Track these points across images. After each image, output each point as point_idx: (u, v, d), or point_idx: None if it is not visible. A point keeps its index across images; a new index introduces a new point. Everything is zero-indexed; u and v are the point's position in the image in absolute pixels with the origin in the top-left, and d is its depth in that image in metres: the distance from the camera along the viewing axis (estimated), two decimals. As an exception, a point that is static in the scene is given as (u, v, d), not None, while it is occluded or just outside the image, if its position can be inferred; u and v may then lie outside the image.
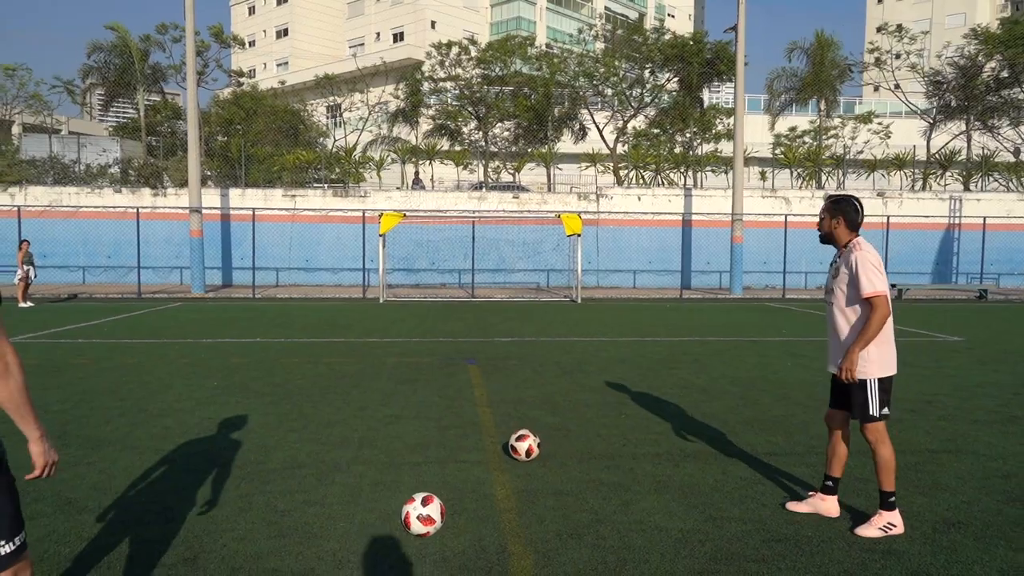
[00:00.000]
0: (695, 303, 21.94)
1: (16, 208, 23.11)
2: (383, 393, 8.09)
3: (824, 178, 32.21)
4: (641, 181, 30.74)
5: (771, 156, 33.19)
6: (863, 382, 4.28)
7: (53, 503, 4.62)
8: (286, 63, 64.41)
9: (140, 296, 21.80)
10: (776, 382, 8.88)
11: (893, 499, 4.27)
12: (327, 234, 26.62)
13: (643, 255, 27.13)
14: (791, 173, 31.84)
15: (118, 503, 4.65)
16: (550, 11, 62.80)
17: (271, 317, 16.51)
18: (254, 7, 68.38)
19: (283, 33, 66.07)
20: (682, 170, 31.28)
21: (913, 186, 32.04)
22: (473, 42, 33.22)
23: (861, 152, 33.58)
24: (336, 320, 16.02)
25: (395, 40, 58.72)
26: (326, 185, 28.68)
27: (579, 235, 21.58)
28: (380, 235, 21.17)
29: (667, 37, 32.25)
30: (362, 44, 61.27)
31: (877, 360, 4.28)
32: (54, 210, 25.53)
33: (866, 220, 4.48)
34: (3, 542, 2.33)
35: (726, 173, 30.14)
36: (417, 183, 30.98)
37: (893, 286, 25.03)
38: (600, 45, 36.13)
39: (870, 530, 4.23)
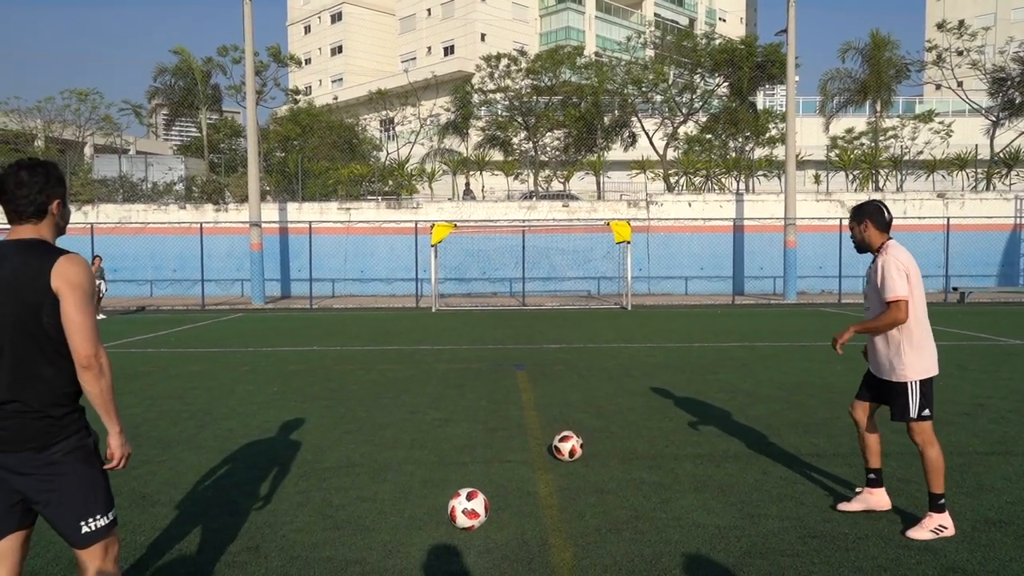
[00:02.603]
0: (747, 309, 21.72)
1: (89, 225, 24.32)
2: (433, 397, 8.36)
3: (882, 180, 31.47)
4: (692, 187, 30.56)
5: (825, 159, 32.57)
6: (903, 385, 4.32)
7: (129, 497, 4.99)
8: (341, 79, 65.95)
9: (204, 308, 22.66)
10: (823, 387, 8.84)
11: (943, 501, 4.26)
12: (381, 245, 27.22)
13: (694, 261, 26.96)
14: (846, 176, 31.20)
15: (187, 497, 5.00)
16: (599, 20, 62.88)
17: (327, 326, 17.01)
18: (310, 26, 70.26)
19: (338, 50, 67.69)
20: (734, 175, 30.97)
21: (976, 186, 31.04)
22: (523, 53, 33.58)
23: (921, 152, 32.69)
24: (389, 329, 16.42)
25: (446, 54, 59.58)
26: (379, 197, 29.32)
27: (629, 242, 21.61)
28: (432, 245, 21.58)
29: (717, 42, 32.04)
30: (414, 58, 62.33)
31: (915, 364, 4.32)
32: (124, 226, 26.75)
33: (926, 222, 4.66)
34: (99, 515, 2.65)
35: (779, 177, 29.73)
36: (468, 194, 31.42)
37: (955, 289, 24.35)
38: (650, 52, 36.11)
39: (921, 532, 4.22)
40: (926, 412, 4.30)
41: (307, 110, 36.65)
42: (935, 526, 4.22)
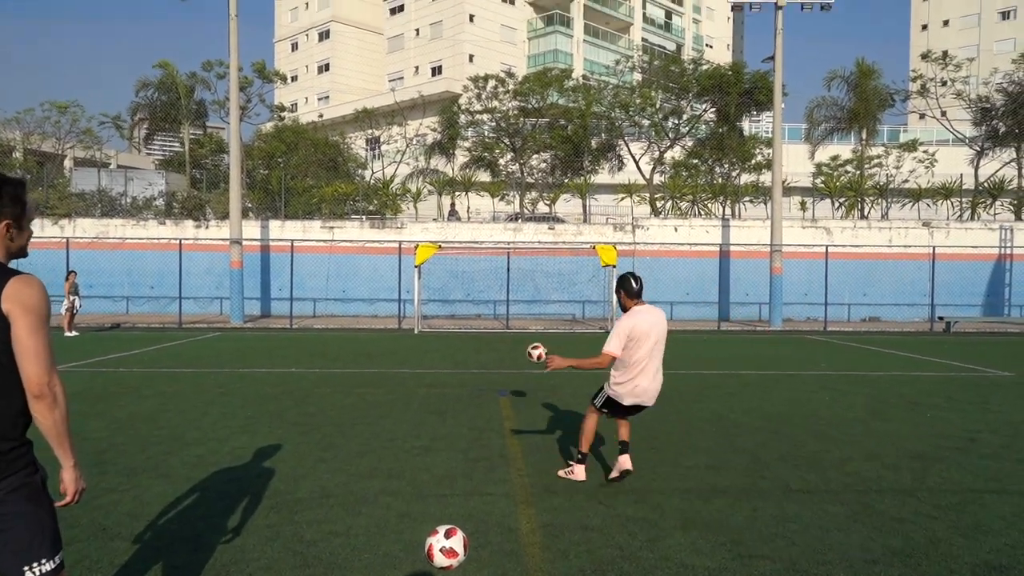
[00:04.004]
0: (733, 335, 21.68)
1: (65, 240, 23.94)
2: (413, 424, 8.17)
3: (867, 207, 31.75)
4: (678, 212, 30.66)
5: (811, 186, 32.83)
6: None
7: (88, 529, 4.76)
8: (327, 97, 65.96)
9: (181, 326, 22.32)
10: (811, 417, 8.73)
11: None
12: (364, 265, 27.01)
13: (680, 287, 26.94)
14: (832, 203, 31.45)
15: (150, 530, 4.77)
16: (587, 43, 63.43)
17: (307, 347, 16.77)
18: (297, 43, 70.37)
19: (324, 68, 67.76)
20: (720, 200, 31.13)
21: (961, 215, 31.39)
22: (510, 75, 33.74)
23: (906, 181, 33.04)
24: (370, 350, 16.21)
25: (433, 74, 59.80)
26: (363, 217, 29.15)
27: (614, 266, 21.55)
28: (416, 266, 21.42)
29: (704, 68, 32.35)
30: (401, 78, 62.51)
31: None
32: (101, 241, 26.37)
33: (912, 250, 5.53)
34: (45, 560, 2.45)
35: (765, 203, 29.91)
36: (453, 214, 31.34)
37: (941, 319, 24.47)
38: (637, 76, 36.39)
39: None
40: (604, 410, 5.96)
41: (292, 127, 36.53)
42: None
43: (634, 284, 5.81)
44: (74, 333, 19.03)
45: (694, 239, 27.28)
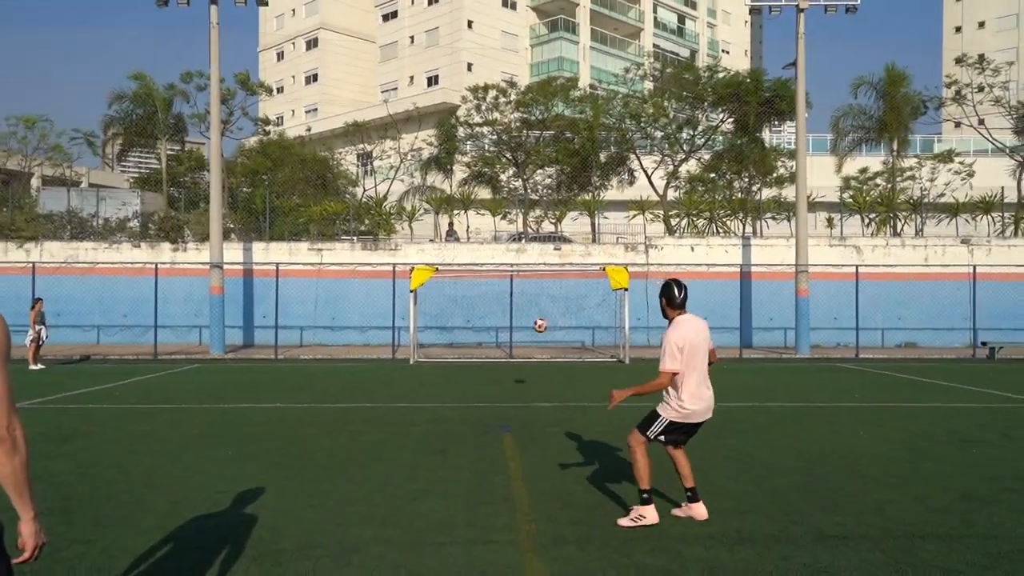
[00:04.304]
0: (756, 364, 21.57)
1: (31, 264, 23.99)
2: (408, 465, 8.08)
3: (900, 224, 31.74)
4: (694, 230, 30.68)
5: (839, 201, 32.87)
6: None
7: (49, 586, 4.67)
8: (315, 109, 66.52)
9: (156, 357, 22.27)
10: (848, 455, 8.63)
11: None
12: (355, 290, 27.01)
13: (697, 311, 26.22)
14: (862, 219, 31.45)
15: (118, 586, 4.68)
16: (594, 50, 64.00)
17: (293, 380, 16.70)
18: (283, 52, 71.09)
19: (312, 79, 68.39)
20: (740, 217, 31.15)
21: (1003, 231, 31.34)
22: (512, 84, 33.98)
23: (942, 195, 33.07)
24: (362, 383, 16.15)
25: (429, 84, 60.31)
26: (355, 238, 29.23)
27: (626, 289, 21.52)
28: (411, 291, 21.41)
29: (721, 75, 32.56)
30: (395, 88, 63.05)
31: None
32: (70, 266, 26.44)
33: (950, 270, 5.78)
34: None
35: (789, 220, 29.93)
36: (451, 235, 31.38)
37: (984, 344, 24.32)
38: (648, 85, 36.65)
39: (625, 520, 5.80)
40: (661, 438, 5.96)
41: (278, 142, 36.79)
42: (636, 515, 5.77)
43: (677, 293, 6.00)
44: (40, 366, 18.98)
45: (712, 259, 27.26)
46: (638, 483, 5.90)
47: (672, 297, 6.01)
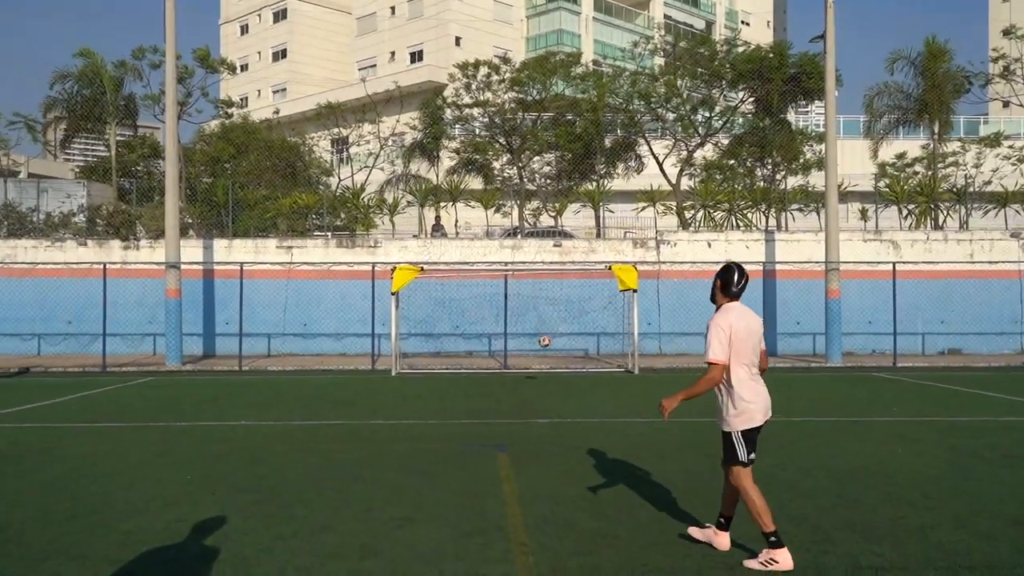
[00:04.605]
0: (781, 373, 21.60)
1: (-36, 266, 23.94)
2: (391, 489, 8.10)
3: (942, 216, 31.82)
4: (711, 223, 30.72)
5: (873, 190, 32.93)
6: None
7: (-15, 627, 4.66)
8: (284, 89, 66.55)
9: (105, 369, 22.23)
10: (882, 475, 8.67)
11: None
12: (330, 292, 26.97)
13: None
14: (899, 210, 31.53)
15: (62, 628, 4.67)
16: (598, 22, 64.15)
17: (260, 394, 16.71)
18: (247, 26, 71.11)
19: (281, 55, 68.41)
20: (762, 209, 31.21)
21: (1057, 224, 31.47)
22: (506, 60, 33.97)
23: (989, 183, 33.15)
24: (338, 397, 16.17)
25: (412, 60, 60.38)
26: (329, 234, 29.19)
27: (635, 291, 21.53)
28: (393, 293, 21.39)
29: (741, 49, 32.61)
30: (374, 65, 63.10)
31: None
32: (7, 267, 26.36)
33: (999, 267, 5.96)
34: None
35: (817, 212, 29.99)
36: (438, 230, 31.37)
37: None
38: (659, 61, 36.70)
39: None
40: (752, 456, 5.82)
41: (241, 126, 36.72)
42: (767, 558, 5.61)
43: (736, 279, 5.91)
44: (-26, 380, 18.92)
45: (732, 256, 27.26)
46: (760, 526, 5.71)
47: (729, 283, 5.92)
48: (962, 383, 18.54)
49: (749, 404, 5.74)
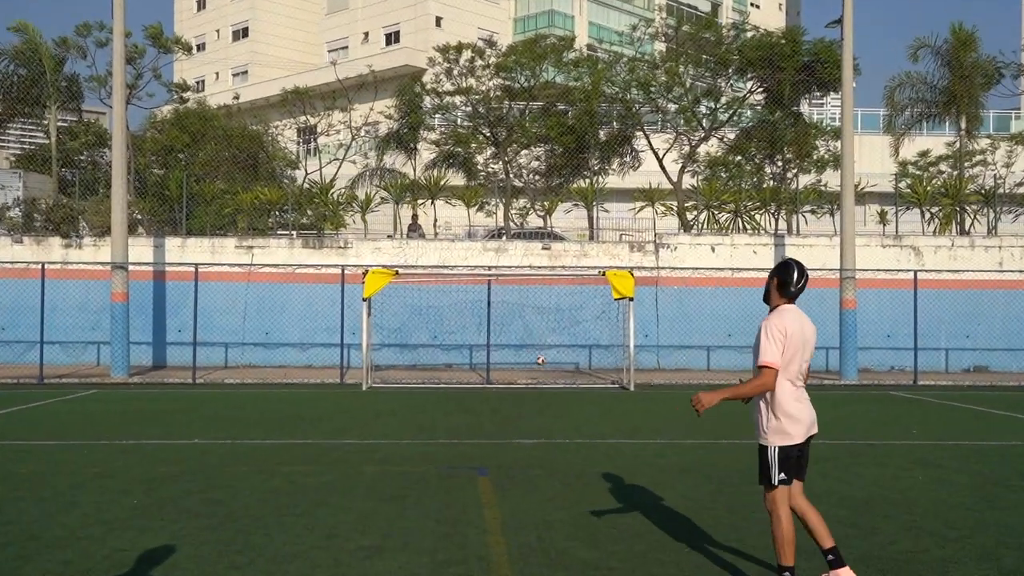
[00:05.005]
0: (793, 391, 21.71)
1: None
2: (359, 515, 8.09)
3: (969, 220, 32.06)
4: (716, 226, 30.85)
5: (894, 191, 33.17)
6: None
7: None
8: (245, 72, 66.40)
9: (42, 381, 22.07)
10: (901, 504, 8.73)
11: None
12: (294, 298, 26.90)
13: (719, 325, 26.99)
14: (922, 213, 31.75)
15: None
16: (593, 3, 64.40)
17: (215, 410, 16.67)
18: (204, 1, 70.91)
19: (242, 34, 68.30)
20: (771, 210, 31.36)
21: (1094, 230, 31.75)
22: (491, 44, 34.05)
23: (1020, 184, 33.43)
24: (302, 413, 16.10)
25: (388, 42, 60.41)
26: (294, 233, 29.15)
27: (631, 299, 21.58)
28: (364, 299, 21.37)
29: (750, 34, 32.79)
30: (345, 47, 63.11)
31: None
32: (-66, 267, 26.17)
33: None
34: None
35: (832, 214, 30.15)
36: (415, 229, 31.39)
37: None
38: (660, 46, 36.87)
39: None
40: (782, 476, 5.69)
41: (197, 112, 36.57)
42: None
43: (796, 278, 5.95)
44: None
45: (737, 262, 27.41)
46: (777, 557, 5.66)
47: (788, 282, 5.96)
48: (989, 404, 18.67)
49: (791, 419, 5.73)
